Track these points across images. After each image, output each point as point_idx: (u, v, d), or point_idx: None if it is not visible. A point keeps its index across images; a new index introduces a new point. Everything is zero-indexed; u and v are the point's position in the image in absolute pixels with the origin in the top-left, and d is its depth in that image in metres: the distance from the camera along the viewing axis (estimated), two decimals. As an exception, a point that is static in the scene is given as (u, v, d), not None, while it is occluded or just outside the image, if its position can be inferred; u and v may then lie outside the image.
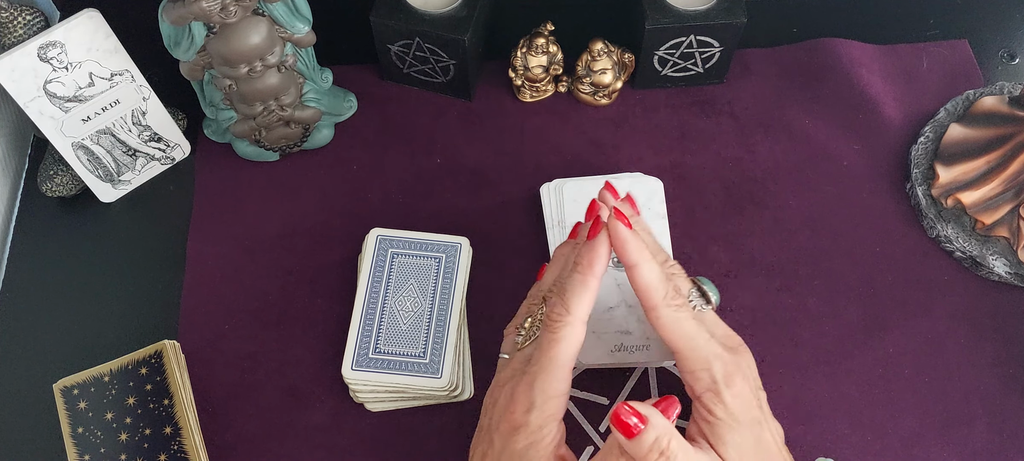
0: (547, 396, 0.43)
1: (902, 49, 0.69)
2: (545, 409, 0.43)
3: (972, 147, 0.60)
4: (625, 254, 0.44)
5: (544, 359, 0.43)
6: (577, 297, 0.44)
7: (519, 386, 0.43)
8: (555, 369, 0.43)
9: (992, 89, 0.64)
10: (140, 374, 0.53)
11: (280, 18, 0.54)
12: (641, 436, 0.40)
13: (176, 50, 0.54)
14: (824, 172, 0.63)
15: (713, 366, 0.44)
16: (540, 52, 0.63)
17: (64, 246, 0.62)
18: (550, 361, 0.43)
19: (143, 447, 0.51)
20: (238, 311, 0.58)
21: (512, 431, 0.43)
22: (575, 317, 0.44)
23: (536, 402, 0.42)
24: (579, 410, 0.55)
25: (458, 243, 0.57)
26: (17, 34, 0.53)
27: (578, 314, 0.44)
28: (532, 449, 0.42)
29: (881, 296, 0.58)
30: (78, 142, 0.58)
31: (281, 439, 0.54)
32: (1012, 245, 0.57)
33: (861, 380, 0.55)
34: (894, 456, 0.53)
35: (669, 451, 0.40)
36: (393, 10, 0.62)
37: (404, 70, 0.66)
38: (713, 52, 0.64)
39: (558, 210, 0.59)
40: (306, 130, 0.62)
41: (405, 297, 0.55)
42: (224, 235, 0.61)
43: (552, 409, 0.43)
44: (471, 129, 0.66)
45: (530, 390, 0.43)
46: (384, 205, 0.62)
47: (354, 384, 0.53)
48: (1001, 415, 0.54)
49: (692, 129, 0.65)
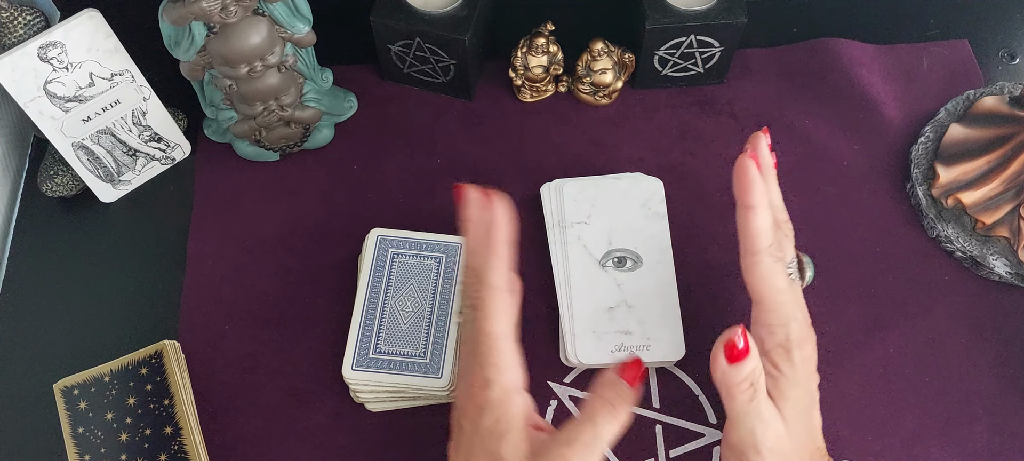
0: (499, 368, 0.42)
1: (902, 49, 0.69)
2: (500, 382, 0.42)
3: (972, 147, 0.60)
4: (746, 194, 0.45)
5: (480, 335, 0.42)
6: (488, 266, 0.43)
7: (471, 368, 0.43)
8: (494, 341, 0.42)
9: (992, 89, 0.64)
10: (140, 374, 0.53)
11: (280, 18, 0.54)
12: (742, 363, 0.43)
13: (176, 50, 0.54)
14: (824, 172, 0.63)
15: (790, 324, 0.45)
16: (540, 52, 0.63)
17: (64, 246, 0.62)
18: (486, 336, 0.42)
19: (143, 447, 0.51)
20: (238, 311, 0.58)
21: (477, 412, 0.42)
22: (490, 285, 0.43)
23: (490, 377, 0.42)
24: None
25: (458, 243, 0.57)
26: (17, 34, 0.53)
27: (493, 281, 0.43)
28: (501, 423, 0.42)
29: (881, 296, 0.58)
30: (78, 142, 0.58)
31: (281, 439, 0.54)
32: (1012, 245, 0.57)
33: (861, 380, 0.55)
34: (894, 456, 0.53)
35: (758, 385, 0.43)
36: (393, 10, 0.62)
37: (404, 70, 0.66)
38: (713, 52, 0.64)
39: (558, 210, 0.59)
40: (306, 130, 0.62)
41: (405, 297, 0.55)
42: (224, 235, 0.62)
43: (508, 380, 0.42)
44: (471, 129, 0.66)
45: (482, 368, 0.42)
46: (384, 205, 0.62)
47: (354, 384, 0.53)
48: (1001, 415, 0.54)
49: (692, 129, 0.65)
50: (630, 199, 0.59)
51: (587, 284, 0.56)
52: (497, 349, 0.42)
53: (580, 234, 0.58)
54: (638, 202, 0.59)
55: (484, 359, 0.42)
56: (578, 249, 0.57)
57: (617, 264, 0.57)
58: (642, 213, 0.58)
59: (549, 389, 0.55)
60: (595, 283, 0.56)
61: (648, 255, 0.57)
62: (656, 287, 0.56)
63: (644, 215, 0.58)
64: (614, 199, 0.59)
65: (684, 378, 0.55)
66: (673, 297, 0.56)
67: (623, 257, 0.57)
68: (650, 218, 0.58)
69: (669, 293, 0.56)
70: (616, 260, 0.57)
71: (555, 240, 0.58)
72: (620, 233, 0.58)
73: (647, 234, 0.58)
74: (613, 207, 0.59)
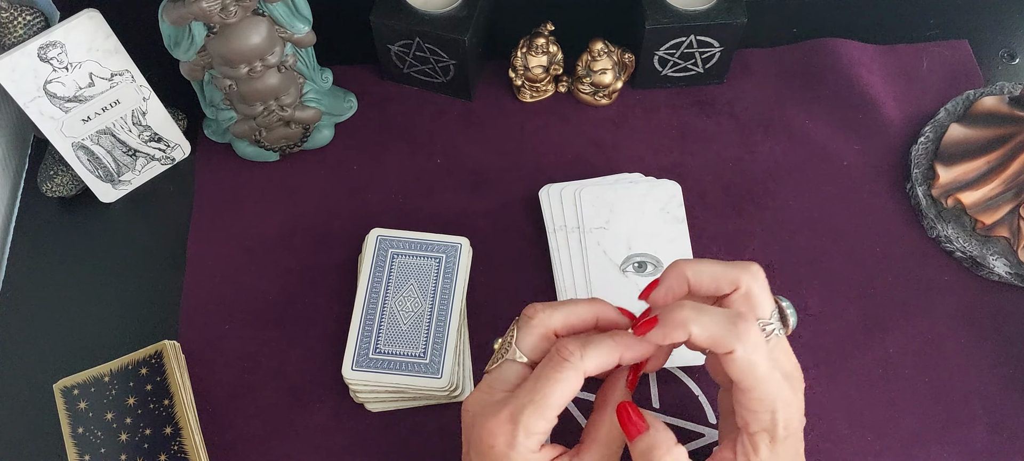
0: (529, 433, 0.40)
1: (902, 49, 0.69)
2: (527, 445, 0.40)
3: (972, 147, 0.60)
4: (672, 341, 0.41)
5: (536, 395, 0.40)
6: (597, 352, 0.41)
7: (499, 417, 0.40)
8: (544, 409, 0.40)
9: (992, 89, 0.64)
10: (140, 374, 0.53)
11: (280, 18, 0.54)
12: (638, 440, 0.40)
13: (176, 50, 0.54)
14: (824, 172, 0.63)
15: (777, 410, 0.40)
16: (540, 52, 0.63)
17: (64, 246, 0.62)
18: (542, 399, 0.40)
19: (143, 447, 0.51)
20: (238, 311, 0.58)
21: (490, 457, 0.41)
22: (586, 364, 0.40)
23: (519, 439, 0.40)
24: (579, 410, 0.55)
25: (458, 243, 0.57)
26: (17, 34, 0.53)
27: (589, 364, 0.41)
28: None
29: (881, 296, 0.58)
30: (78, 142, 0.58)
31: (281, 439, 0.54)
32: (1012, 245, 0.57)
33: (861, 380, 0.55)
34: (894, 456, 0.53)
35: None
36: (393, 10, 0.62)
37: (404, 70, 0.66)
38: (713, 52, 0.64)
39: (558, 214, 0.59)
40: (306, 130, 0.62)
41: (405, 297, 0.55)
42: (224, 235, 0.61)
43: (533, 445, 0.40)
44: (471, 129, 0.66)
45: (513, 426, 0.40)
46: (384, 205, 0.62)
47: (354, 384, 0.53)
48: (1001, 415, 0.54)
49: (692, 129, 0.65)
50: (648, 203, 0.59)
51: (608, 290, 0.56)
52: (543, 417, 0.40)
53: (599, 239, 0.58)
54: (657, 206, 0.59)
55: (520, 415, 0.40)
56: (598, 254, 0.57)
57: (637, 269, 0.56)
58: (661, 217, 0.58)
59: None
60: (616, 288, 0.56)
61: (668, 259, 0.57)
62: None
63: (663, 219, 0.58)
64: (632, 204, 0.59)
65: (684, 378, 0.55)
66: None
67: (643, 262, 0.57)
68: (669, 222, 0.58)
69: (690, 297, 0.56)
70: (636, 265, 0.57)
71: (555, 243, 0.58)
72: (640, 238, 0.58)
73: (666, 238, 0.58)
74: (632, 212, 0.58)
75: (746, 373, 0.40)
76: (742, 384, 0.40)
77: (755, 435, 0.41)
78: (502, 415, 0.40)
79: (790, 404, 0.41)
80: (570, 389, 0.40)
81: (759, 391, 0.40)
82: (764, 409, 0.40)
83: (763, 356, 0.40)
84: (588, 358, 0.40)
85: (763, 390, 0.40)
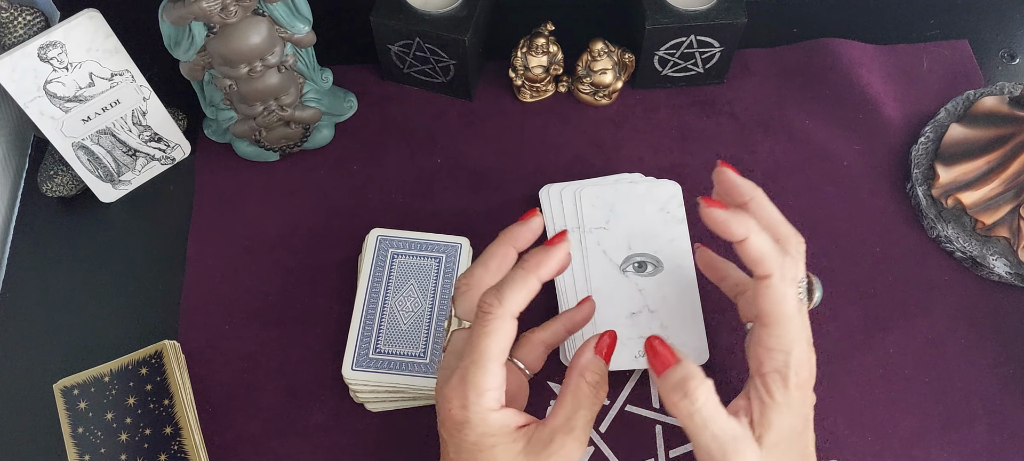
0: (479, 391, 0.41)
1: (902, 49, 0.69)
2: (481, 403, 0.41)
3: (972, 147, 0.60)
4: (729, 233, 0.43)
5: (474, 353, 0.41)
6: (513, 292, 0.41)
7: (450, 383, 0.42)
8: (485, 363, 0.41)
9: (992, 89, 0.64)
10: (140, 374, 0.53)
11: (280, 18, 0.54)
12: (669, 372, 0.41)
13: (176, 50, 0.54)
14: (824, 172, 0.63)
15: (793, 350, 0.43)
16: (540, 52, 0.63)
17: (64, 246, 0.62)
18: (480, 355, 0.41)
19: (143, 447, 0.51)
20: (238, 311, 0.58)
21: (456, 428, 0.42)
22: (506, 310, 0.41)
23: (469, 398, 0.41)
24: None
25: (458, 243, 0.57)
26: (17, 34, 0.53)
27: (510, 308, 0.41)
28: (486, 437, 0.41)
29: (881, 296, 0.58)
30: (78, 142, 0.58)
31: (281, 439, 0.54)
32: (1012, 245, 0.57)
33: (861, 380, 0.55)
34: (894, 456, 0.53)
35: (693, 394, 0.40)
36: (393, 10, 0.62)
37: (404, 70, 0.66)
38: (713, 52, 0.64)
39: (558, 214, 0.59)
40: (306, 130, 0.62)
41: (405, 297, 0.55)
42: (224, 235, 0.62)
43: (488, 402, 0.41)
44: (471, 129, 0.66)
45: (462, 386, 0.41)
46: (384, 205, 0.62)
47: (354, 384, 0.53)
48: (1001, 415, 0.54)
49: (692, 129, 0.65)
50: (648, 203, 0.59)
51: (608, 290, 0.56)
52: (486, 371, 0.41)
53: (599, 239, 0.58)
54: (656, 206, 0.59)
55: (466, 376, 0.41)
56: (598, 254, 0.57)
57: (637, 269, 0.56)
58: (661, 217, 0.58)
59: (549, 389, 0.55)
60: (616, 289, 0.56)
61: (668, 259, 0.57)
62: (678, 291, 0.56)
63: (663, 219, 0.58)
64: (632, 204, 0.59)
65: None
66: (695, 301, 0.56)
67: (643, 262, 0.57)
68: (669, 222, 0.58)
69: (691, 297, 0.56)
70: (636, 265, 0.57)
71: None
72: (640, 238, 0.58)
73: (666, 238, 0.58)
74: (632, 212, 0.59)
75: (774, 304, 0.42)
76: (767, 317, 0.43)
77: (767, 376, 0.43)
78: (453, 381, 0.42)
79: (804, 353, 0.43)
80: (504, 337, 0.41)
81: (780, 328, 0.43)
82: (780, 349, 0.43)
83: (794, 296, 0.43)
84: (507, 301, 0.42)
85: (784, 328, 0.43)
